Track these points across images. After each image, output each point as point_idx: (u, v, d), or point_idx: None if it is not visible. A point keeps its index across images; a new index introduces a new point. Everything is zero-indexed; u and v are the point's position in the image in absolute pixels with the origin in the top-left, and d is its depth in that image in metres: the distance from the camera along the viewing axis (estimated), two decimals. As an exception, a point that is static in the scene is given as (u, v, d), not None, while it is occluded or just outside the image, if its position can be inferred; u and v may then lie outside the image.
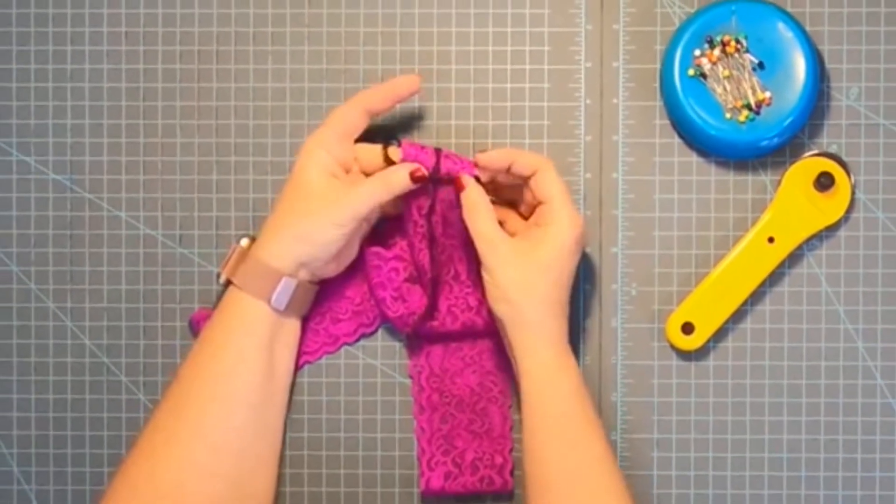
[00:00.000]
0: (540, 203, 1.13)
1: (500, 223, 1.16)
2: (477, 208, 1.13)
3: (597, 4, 1.20)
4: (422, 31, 1.20)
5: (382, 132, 1.19)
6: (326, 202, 1.12)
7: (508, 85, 1.20)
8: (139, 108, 1.20)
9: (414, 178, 1.13)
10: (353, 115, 1.15)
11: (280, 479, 1.19)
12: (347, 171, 1.15)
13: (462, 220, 1.15)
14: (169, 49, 1.20)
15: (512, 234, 1.15)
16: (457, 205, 1.15)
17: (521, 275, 1.11)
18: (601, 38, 1.20)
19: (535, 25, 1.20)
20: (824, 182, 1.16)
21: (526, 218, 1.17)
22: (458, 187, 1.14)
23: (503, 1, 1.19)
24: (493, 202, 1.16)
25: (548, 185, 1.12)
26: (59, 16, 1.20)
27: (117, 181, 1.21)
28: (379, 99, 1.15)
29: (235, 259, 1.15)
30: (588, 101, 1.20)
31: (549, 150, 1.19)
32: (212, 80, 1.20)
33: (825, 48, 1.18)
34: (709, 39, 1.16)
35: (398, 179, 1.13)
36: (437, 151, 1.14)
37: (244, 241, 1.16)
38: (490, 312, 1.14)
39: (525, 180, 1.14)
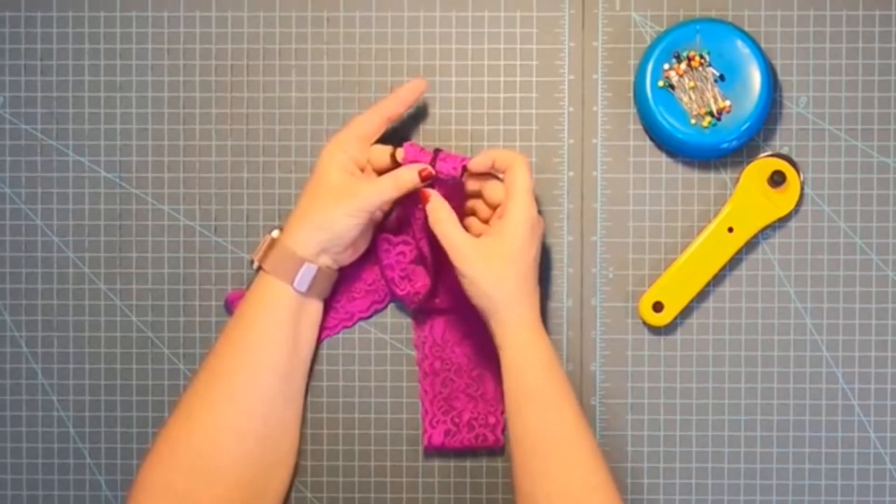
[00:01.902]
0: (506, 196, 1.15)
1: (465, 228, 1.17)
2: (441, 216, 1.15)
3: (578, 24, 1.22)
4: (426, 48, 1.22)
5: (394, 135, 1.22)
6: (344, 196, 1.14)
7: (501, 95, 1.22)
8: (179, 115, 1.23)
9: (422, 177, 1.15)
10: (372, 121, 1.17)
11: (301, 438, 1.22)
12: (362, 170, 1.18)
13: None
14: (205, 63, 1.23)
15: (476, 236, 1.16)
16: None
17: (493, 271, 1.13)
18: (582, 54, 1.22)
19: (524, 43, 1.22)
20: (777, 179, 1.20)
21: (485, 221, 1.19)
22: (423, 199, 1.16)
23: (496, 21, 1.22)
24: (458, 210, 1.17)
25: (516, 178, 1.14)
26: (110, 34, 1.23)
27: (160, 178, 1.23)
28: (394, 105, 1.18)
29: (266, 247, 1.17)
30: (571, 109, 1.22)
31: (536, 151, 1.22)
32: (243, 91, 1.23)
33: (778, 63, 1.21)
34: (676, 55, 1.19)
35: (407, 178, 1.15)
36: (435, 153, 1.16)
37: (275, 233, 1.17)
38: None
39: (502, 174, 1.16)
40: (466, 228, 1.18)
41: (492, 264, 1.13)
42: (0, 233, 1.23)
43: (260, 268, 1.17)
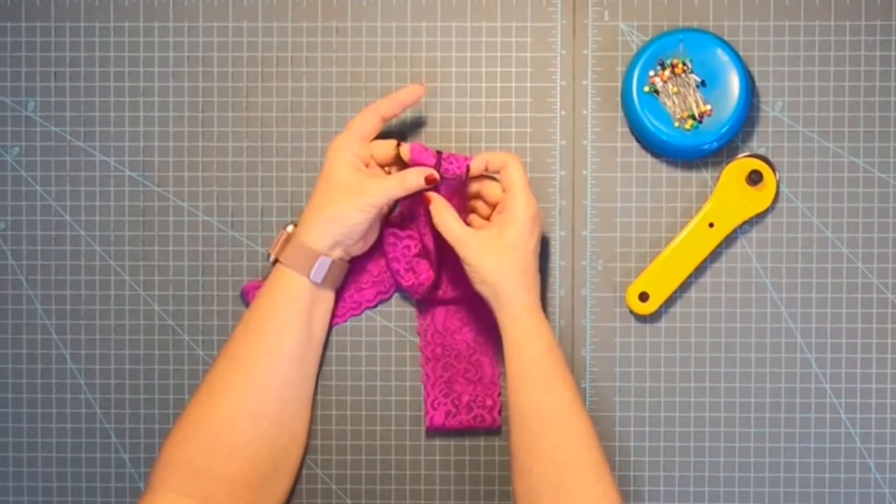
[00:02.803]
0: (504, 192, 1.16)
1: (468, 225, 1.19)
2: (443, 214, 1.16)
3: (569, 34, 1.23)
4: (427, 56, 1.24)
5: (398, 136, 1.23)
6: (354, 192, 1.15)
7: (498, 99, 1.23)
8: (198, 118, 1.24)
9: (427, 181, 1.17)
10: (369, 120, 1.18)
11: (312, 418, 1.23)
12: (367, 166, 1.19)
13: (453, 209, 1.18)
14: (222, 70, 1.24)
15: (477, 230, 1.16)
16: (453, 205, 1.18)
17: (492, 259, 1.14)
18: (573, 62, 1.23)
19: (519, 51, 1.23)
20: (754, 178, 1.20)
21: (487, 218, 1.20)
22: (426, 201, 1.18)
23: (493, 31, 1.23)
24: (460, 209, 1.19)
25: (511, 175, 1.15)
26: (133, 43, 1.24)
27: (181, 177, 1.24)
28: (389, 106, 1.19)
29: (282, 242, 1.18)
30: (563, 113, 1.23)
31: (530, 152, 1.23)
32: (257, 96, 1.24)
33: (755, 69, 1.22)
34: (661, 62, 1.20)
35: (413, 180, 1.16)
36: (438, 154, 1.17)
37: (290, 228, 1.19)
38: None
39: (497, 173, 1.17)
40: (469, 225, 1.20)
41: (494, 253, 1.14)
42: (32, 227, 1.24)
43: (277, 261, 1.18)
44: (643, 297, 1.22)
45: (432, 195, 1.17)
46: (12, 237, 1.25)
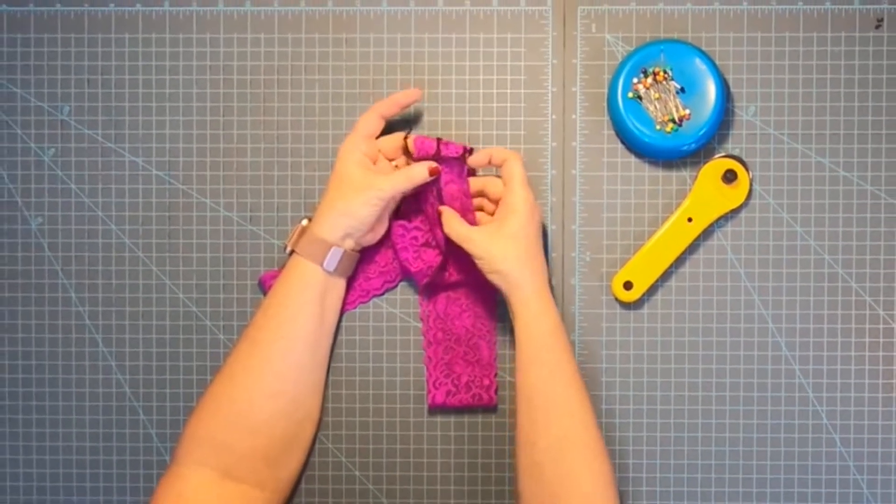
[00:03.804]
0: (504, 186, 1.18)
1: (475, 222, 1.21)
2: (452, 221, 1.19)
3: (560, 44, 1.24)
4: (430, 65, 1.25)
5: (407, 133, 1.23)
6: (363, 188, 1.18)
7: (494, 104, 1.25)
8: (220, 122, 1.26)
9: (431, 172, 1.19)
10: (372, 121, 1.21)
11: (325, 397, 1.25)
12: (375, 162, 1.21)
13: (457, 199, 1.21)
14: (241, 78, 1.26)
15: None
16: (455, 196, 1.21)
17: (498, 248, 1.16)
18: (563, 70, 1.25)
19: (514, 60, 1.25)
20: (729, 177, 1.22)
21: (492, 214, 1.22)
22: (438, 213, 1.20)
23: (490, 41, 1.25)
24: (467, 206, 1.20)
25: (511, 170, 1.18)
26: (160, 53, 1.26)
27: (203, 176, 1.26)
28: (388, 107, 1.21)
29: (297, 234, 1.20)
30: (553, 117, 1.25)
31: (524, 153, 1.24)
32: (273, 101, 1.25)
33: (730, 77, 1.24)
34: (643, 70, 1.22)
35: (418, 174, 1.19)
36: (438, 140, 1.20)
37: (305, 222, 1.21)
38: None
39: (499, 168, 1.19)
40: (477, 223, 1.22)
41: (497, 243, 1.16)
42: (66, 222, 1.26)
43: (293, 252, 1.20)
44: (627, 285, 1.24)
45: (443, 210, 1.19)
46: (49, 231, 1.27)
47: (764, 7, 1.24)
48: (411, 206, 1.24)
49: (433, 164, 1.18)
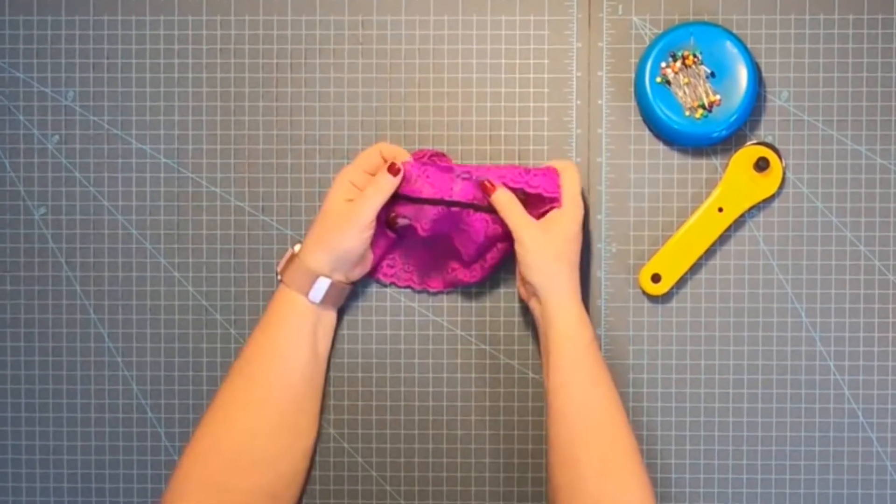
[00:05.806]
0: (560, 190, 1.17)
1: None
2: (509, 203, 1.17)
3: (585, 27, 1.24)
4: (449, 48, 1.24)
5: (425, 125, 1.24)
6: (344, 221, 1.17)
7: (517, 90, 1.24)
8: (230, 108, 1.25)
9: (393, 172, 1.17)
10: (373, 157, 1.20)
11: (331, 394, 1.25)
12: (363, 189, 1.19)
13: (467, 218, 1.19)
14: (253, 62, 1.25)
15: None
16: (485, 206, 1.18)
17: (551, 246, 1.16)
18: (588, 54, 1.24)
19: (537, 44, 1.24)
20: (762, 165, 1.21)
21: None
22: (487, 191, 1.18)
23: (512, 24, 1.24)
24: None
25: (566, 179, 1.18)
26: (168, 36, 1.25)
27: (213, 164, 1.25)
28: (391, 152, 1.20)
29: (286, 261, 1.19)
30: (578, 103, 1.24)
31: (548, 140, 1.24)
32: (287, 86, 1.25)
33: (762, 61, 1.23)
34: (672, 54, 1.21)
35: (385, 181, 1.17)
36: (431, 156, 1.18)
37: (297, 247, 1.20)
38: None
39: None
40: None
41: (552, 241, 1.16)
42: (71, 212, 1.25)
43: (281, 280, 1.20)
44: (655, 278, 1.24)
45: (496, 184, 1.17)
46: (53, 221, 1.26)
47: (798, -12, 1.24)
48: (409, 220, 1.21)
49: (391, 163, 1.17)
